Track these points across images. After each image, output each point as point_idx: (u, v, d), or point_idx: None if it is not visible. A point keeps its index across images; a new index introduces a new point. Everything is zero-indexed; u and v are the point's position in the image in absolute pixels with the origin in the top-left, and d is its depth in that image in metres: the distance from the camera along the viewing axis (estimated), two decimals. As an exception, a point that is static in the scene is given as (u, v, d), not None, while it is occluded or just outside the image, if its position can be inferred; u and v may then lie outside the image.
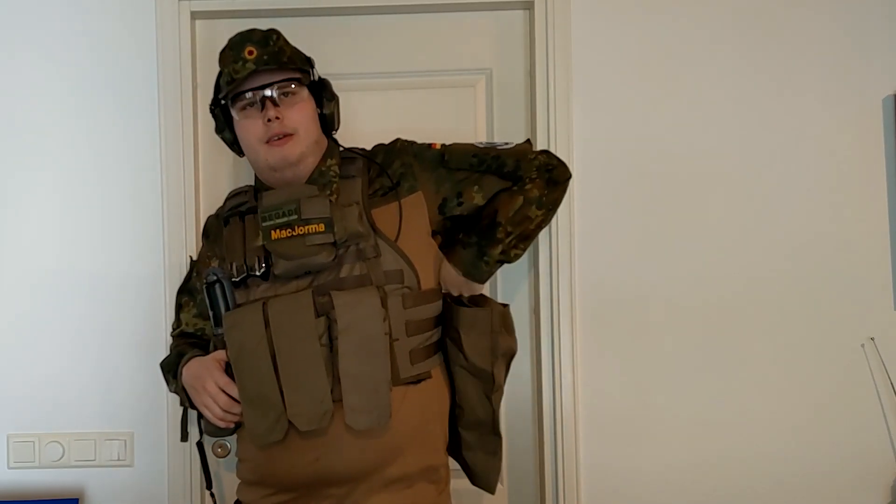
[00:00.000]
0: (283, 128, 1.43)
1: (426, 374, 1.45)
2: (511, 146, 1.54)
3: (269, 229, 1.42)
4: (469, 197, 1.50)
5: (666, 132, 1.89)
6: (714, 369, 1.88)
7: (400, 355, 1.40)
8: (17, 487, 1.89)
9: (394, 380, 1.38)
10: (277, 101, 1.43)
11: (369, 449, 1.38)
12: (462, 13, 1.94)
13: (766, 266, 1.88)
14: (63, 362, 1.89)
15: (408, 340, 1.41)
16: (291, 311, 1.37)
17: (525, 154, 1.53)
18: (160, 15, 1.89)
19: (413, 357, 1.42)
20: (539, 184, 1.50)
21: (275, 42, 1.46)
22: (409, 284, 1.42)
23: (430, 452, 1.45)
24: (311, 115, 1.47)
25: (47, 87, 1.91)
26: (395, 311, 1.40)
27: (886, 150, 1.88)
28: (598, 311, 1.89)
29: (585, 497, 1.87)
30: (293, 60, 1.47)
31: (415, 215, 1.46)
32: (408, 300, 1.41)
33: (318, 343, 1.35)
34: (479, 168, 1.51)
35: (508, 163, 1.51)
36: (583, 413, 1.88)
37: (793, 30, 1.88)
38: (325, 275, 1.40)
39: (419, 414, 1.43)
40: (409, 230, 1.45)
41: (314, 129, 1.48)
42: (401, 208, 1.45)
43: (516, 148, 1.54)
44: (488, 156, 1.51)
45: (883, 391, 1.86)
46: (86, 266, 1.90)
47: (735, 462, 1.88)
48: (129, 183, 1.91)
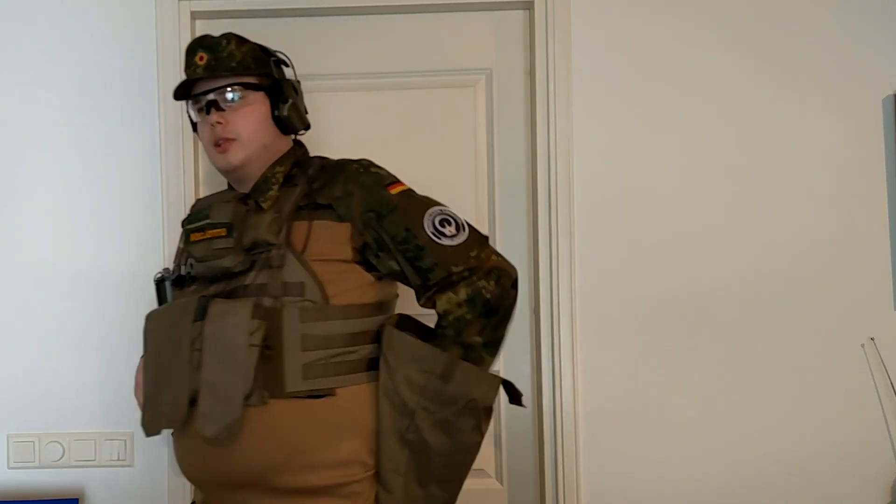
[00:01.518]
0: (224, 132, 1.44)
1: (326, 391, 1.37)
2: (450, 242, 1.39)
3: (189, 232, 1.47)
4: (386, 259, 1.42)
5: (665, 131, 1.89)
6: (714, 369, 1.88)
7: (289, 368, 1.35)
8: (17, 487, 1.89)
9: (277, 392, 1.35)
10: (222, 105, 1.45)
11: (247, 457, 1.36)
12: (462, 13, 1.95)
13: (766, 266, 1.88)
14: (63, 362, 1.89)
15: (301, 354, 1.35)
16: (174, 314, 1.41)
17: (449, 261, 1.38)
18: (160, 15, 1.89)
19: (307, 372, 1.36)
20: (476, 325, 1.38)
21: (224, 47, 1.46)
22: (311, 298, 1.37)
23: (332, 468, 1.37)
24: (257, 120, 1.46)
25: (47, 86, 1.91)
26: (291, 323, 1.36)
27: (886, 150, 1.88)
28: (598, 311, 1.89)
29: (585, 497, 1.87)
30: (245, 65, 1.46)
31: (333, 239, 1.41)
32: (307, 314, 1.36)
33: (189, 347, 1.36)
34: (401, 245, 1.40)
35: (426, 261, 1.38)
36: (583, 413, 1.88)
37: (793, 30, 1.88)
38: (237, 280, 1.40)
39: (313, 429, 1.37)
40: (322, 247, 1.39)
41: (262, 134, 1.47)
42: (311, 226, 1.40)
43: (445, 249, 1.39)
44: (414, 241, 1.39)
45: (883, 391, 1.86)
46: (86, 266, 1.90)
47: (735, 462, 1.88)
48: (129, 182, 1.91)
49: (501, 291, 1.39)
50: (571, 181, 1.87)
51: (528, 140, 1.96)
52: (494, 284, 1.38)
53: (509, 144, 1.96)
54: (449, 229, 1.40)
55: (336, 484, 1.37)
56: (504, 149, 1.96)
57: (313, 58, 1.93)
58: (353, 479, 1.39)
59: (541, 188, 1.88)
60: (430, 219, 1.41)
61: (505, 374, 1.95)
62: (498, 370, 1.95)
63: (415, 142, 1.94)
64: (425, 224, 1.40)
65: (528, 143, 1.96)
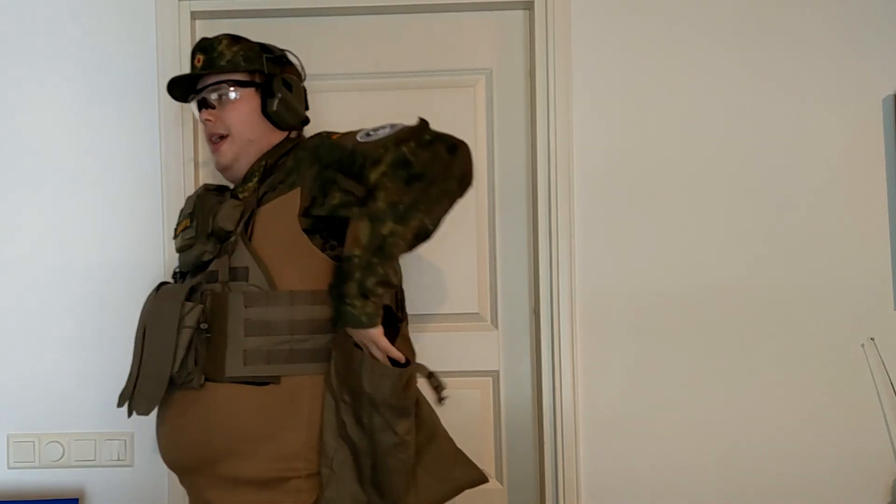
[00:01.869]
0: (215, 128, 1.50)
1: (270, 379, 1.35)
2: (381, 135, 1.30)
3: (177, 225, 1.55)
4: (332, 199, 1.33)
5: (666, 132, 1.89)
6: (714, 369, 1.88)
7: (231, 353, 1.34)
8: (17, 487, 1.89)
9: (216, 376, 1.35)
10: (211, 102, 1.50)
11: (191, 440, 1.37)
12: (462, 13, 1.95)
13: (766, 266, 1.88)
14: (63, 362, 1.89)
15: (244, 340, 1.34)
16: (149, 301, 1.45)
17: (374, 149, 1.28)
18: (160, 15, 1.89)
19: (248, 357, 1.34)
20: (390, 189, 1.25)
21: (215, 47, 1.50)
22: (255, 283, 1.35)
23: (275, 460, 1.34)
24: (245, 115, 1.49)
25: (47, 86, 1.91)
26: (235, 308, 1.35)
27: (886, 150, 1.88)
28: (598, 312, 1.89)
29: (585, 497, 1.87)
30: (234, 63, 1.49)
31: (282, 213, 1.37)
32: (251, 299, 1.35)
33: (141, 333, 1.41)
34: (337, 165, 1.33)
35: (357, 160, 1.30)
36: (583, 413, 1.88)
37: (793, 30, 1.88)
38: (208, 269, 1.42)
39: (257, 417, 1.34)
40: (269, 227, 1.37)
41: (249, 129, 1.49)
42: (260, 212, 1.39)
43: (370, 143, 1.30)
44: (346, 151, 1.32)
45: (883, 391, 1.86)
46: (86, 266, 1.90)
47: (735, 461, 1.88)
48: (129, 182, 1.91)
49: (431, 155, 1.26)
50: (571, 181, 1.87)
51: (528, 140, 1.96)
52: (421, 148, 1.26)
53: (509, 144, 1.96)
54: (382, 131, 1.32)
55: (277, 477, 1.34)
56: (504, 149, 1.96)
57: (313, 58, 1.93)
58: (294, 475, 1.34)
59: (541, 188, 1.88)
60: (364, 131, 1.34)
61: (505, 374, 1.96)
62: (497, 370, 1.95)
63: (415, 142, 1.94)
64: (357, 136, 1.33)
65: (528, 143, 1.96)
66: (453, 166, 1.27)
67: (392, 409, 1.30)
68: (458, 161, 1.28)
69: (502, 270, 1.95)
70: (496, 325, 1.95)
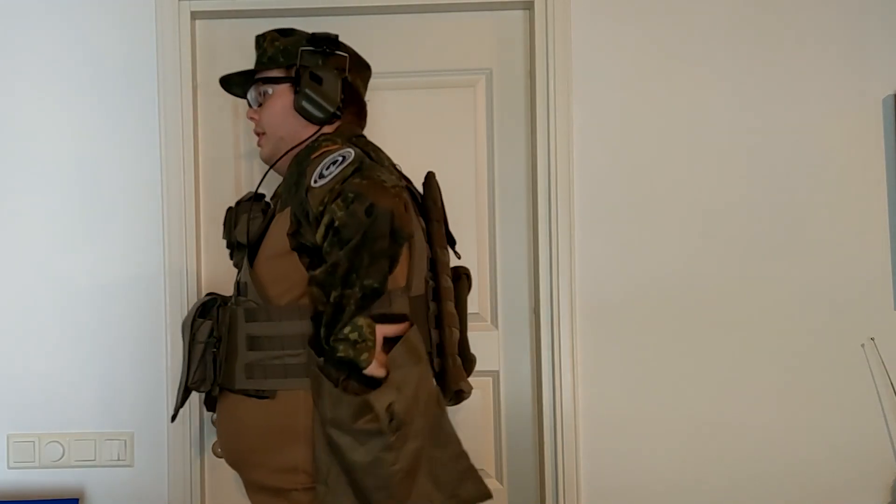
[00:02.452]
0: (256, 127, 1.53)
1: (268, 393, 1.36)
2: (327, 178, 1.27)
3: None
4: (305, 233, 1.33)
5: (665, 132, 1.89)
6: (714, 369, 1.88)
7: (238, 366, 1.38)
8: (17, 487, 1.89)
9: (228, 385, 1.41)
10: (256, 101, 1.54)
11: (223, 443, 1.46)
12: (462, 13, 1.94)
13: (766, 266, 1.88)
14: (63, 362, 1.89)
15: (246, 354, 1.37)
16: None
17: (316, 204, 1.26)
18: (160, 15, 1.89)
19: (249, 371, 1.37)
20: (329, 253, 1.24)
21: (261, 44, 1.53)
22: (252, 298, 1.38)
23: (277, 473, 1.36)
24: (278, 112, 1.49)
25: (47, 87, 1.91)
26: (239, 322, 1.39)
27: (886, 150, 1.88)
28: (598, 311, 1.89)
29: (585, 497, 1.87)
30: (273, 59, 1.50)
31: (278, 230, 1.38)
32: (251, 314, 1.38)
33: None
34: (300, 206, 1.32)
35: (307, 210, 1.29)
36: (583, 413, 1.88)
37: (793, 30, 1.88)
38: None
39: (254, 429, 1.37)
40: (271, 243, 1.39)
41: (280, 126, 1.49)
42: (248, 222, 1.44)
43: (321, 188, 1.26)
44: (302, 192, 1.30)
45: (883, 391, 1.86)
46: (86, 267, 1.90)
47: (735, 461, 1.88)
48: (129, 183, 1.91)
49: (353, 220, 1.20)
50: (571, 181, 1.87)
51: (528, 140, 1.96)
52: (344, 209, 1.22)
53: (509, 144, 1.96)
54: (331, 169, 1.28)
55: (280, 487, 1.37)
56: (504, 149, 1.96)
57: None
58: (294, 487, 1.36)
59: (541, 188, 1.88)
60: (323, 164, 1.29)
61: (505, 374, 1.96)
62: (497, 370, 1.95)
63: (415, 142, 1.93)
64: (314, 173, 1.29)
65: (528, 143, 1.96)
66: (375, 228, 1.21)
67: (358, 432, 1.27)
68: (378, 224, 1.21)
69: (502, 270, 1.95)
70: (496, 325, 1.95)
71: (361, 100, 1.55)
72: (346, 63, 1.50)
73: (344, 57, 1.50)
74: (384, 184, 1.24)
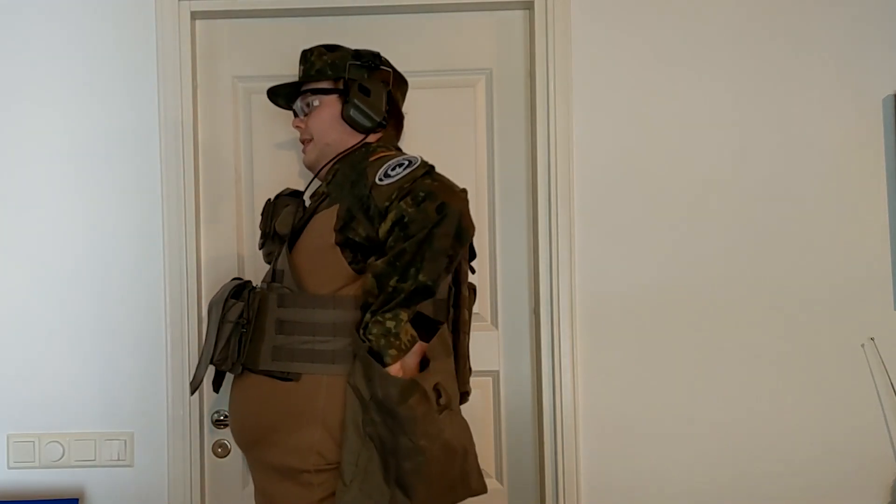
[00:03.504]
0: (303, 134, 1.63)
1: (293, 376, 1.43)
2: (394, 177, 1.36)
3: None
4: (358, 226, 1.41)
5: (665, 132, 1.89)
6: (714, 369, 1.88)
7: (265, 348, 1.46)
8: (17, 487, 1.89)
9: (253, 367, 1.48)
10: (302, 110, 1.64)
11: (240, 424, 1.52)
12: (462, 13, 1.95)
13: (766, 266, 1.88)
14: (63, 362, 1.90)
15: (275, 337, 1.46)
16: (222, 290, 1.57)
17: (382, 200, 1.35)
18: (160, 15, 1.89)
19: (276, 353, 1.45)
20: (392, 247, 1.33)
21: (309, 58, 1.63)
22: (287, 285, 1.47)
23: (291, 453, 1.42)
24: (326, 121, 1.59)
25: (46, 86, 1.91)
26: (271, 307, 1.47)
27: (886, 150, 1.88)
28: (598, 312, 1.89)
29: (585, 497, 1.87)
30: (322, 72, 1.61)
31: (322, 225, 1.46)
32: (284, 300, 1.46)
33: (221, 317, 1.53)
34: (360, 203, 1.40)
35: (370, 206, 1.37)
36: (583, 413, 1.88)
37: (793, 30, 1.88)
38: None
39: (275, 409, 1.45)
40: (313, 237, 1.48)
41: (328, 133, 1.59)
42: (311, 221, 1.50)
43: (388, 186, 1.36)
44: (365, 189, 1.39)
45: (883, 391, 1.86)
46: (86, 266, 1.90)
47: (735, 461, 1.88)
48: (129, 183, 1.91)
49: (422, 216, 1.30)
50: (571, 181, 1.87)
51: (528, 140, 1.96)
52: (414, 206, 1.31)
53: (509, 144, 1.96)
54: (397, 170, 1.38)
55: (290, 467, 1.42)
56: (504, 149, 1.96)
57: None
58: (306, 468, 1.40)
59: (541, 188, 1.88)
60: (388, 165, 1.39)
61: (505, 374, 1.96)
62: (497, 370, 1.96)
63: (415, 142, 1.93)
64: (379, 172, 1.39)
65: (528, 143, 1.96)
66: (443, 226, 1.31)
67: (402, 417, 1.33)
68: (446, 222, 1.31)
69: (502, 270, 1.95)
70: (496, 325, 1.95)
71: (401, 112, 1.69)
72: (389, 77, 1.62)
73: (388, 72, 1.62)
74: (454, 187, 1.38)
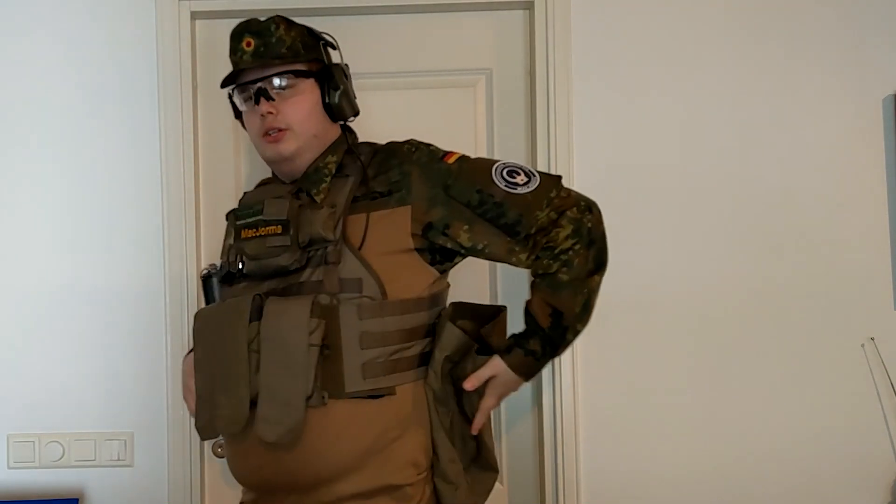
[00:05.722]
0: (276, 122, 1.39)
1: (386, 390, 1.34)
2: (526, 189, 1.36)
3: (240, 228, 1.43)
4: (455, 234, 1.36)
5: (665, 132, 1.89)
6: (714, 369, 1.88)
7: (348, 368, 1.32)
8: (17, 487, 1.89)
9: (336, 393, 1.31)
10: (272, 95, 1.39)
11: (311, 463, 1.33)
12: (462, 13, 1.94)
13: (767, 266, 1.88)
14: (63, 363, 1.89)
15: (360, 353, 1.32)
16: (230, 313, 1.35)
17: (533, 207, 1.35)
18: (160, 15, 1.89)
19: (366, 370, 1.32)
20: (584, 256, 1.35)
21: (274, 32, 1.40)
22: (369, 294, 1.33)
23: (392, 471, 1.35)
24: (308, 109, 1.41)
25: (47, 87, 1.91)
26: (349, 321, 1.32)
27: (886, 150, 1.88)
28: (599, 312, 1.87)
29: (585, 497, 1.87)
30: (294, 51, 1.41)
31: (392, 227, 1.37)
32: (365, 311, 1.32)
33: (247, 348, 1.32)
34: (477, 209, 1.36)
35: (510, 215, 1.35)
36: (583, 413, 1.88)
37: (792, 30, 1.88)
38: (292, 278, 1.37)
39: (374, 430, 1.33)
40: (379, 240, 1.36)
41: (313, 123, 1.42)
42: (368, 219, 1.36)
43: (524, 196, 1.36)
44: (492, 199, 1.35)
45: (883, 391, 1.86)
46: (86, 267, 1.90)
47: (735, 462, 1.88)
48: (129, 184, 1.91)
49: (596, 219, 1.39)
50: (571, 181, 1.87)
51: (528, 140, 1.96)
52: (590, 214, 1.38)
53: (509, 144, 1.96)
54: (520, 178, 1.38)
55: (390, 485, 1.34)
56: (504, 149, 1.96)
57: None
58: (407, 482, 1.36)
59: (541, 188, 1.88)
60: (499, 173, 1.38)
61: (505, 374, 1.96)
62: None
63: (415, 142, 1.93)
64: (496, 180, 1.37)
65: (528, 143, 1.96)
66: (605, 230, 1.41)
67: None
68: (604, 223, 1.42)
69: (502, 270, 1.95)
70: (496, 325, 1.95)
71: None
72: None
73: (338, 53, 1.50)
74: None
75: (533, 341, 1.37)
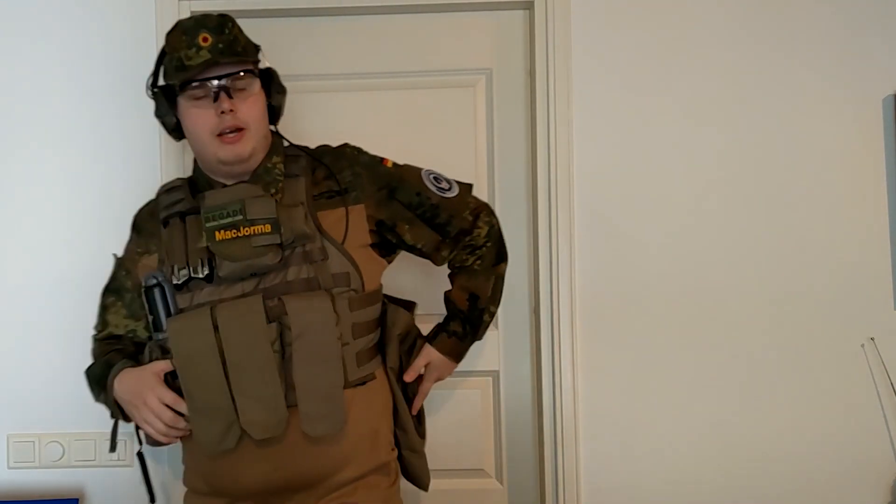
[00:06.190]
0: (235, 121, 1.37)
1: (371, 376, 1.45)
2: (452, 194, 1.53)
3: (213, 230, 1.37)
4: (401, 232, 1.50)
5: (665, 132, 1.89)
6: (714, 369, 1.88)
7: (348, 358, 1.39)
8: (17, 487, 1.89)
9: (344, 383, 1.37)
10: (232, 93, 1.37)
11: (325, 455, 1.37)
12: (462, 13, 1.94)
13: (767, 266, 1.88)
14: (63, 363, 1.89)
15: (355, 343, 1.41)
16: (242, 316, 1.33)
17: (459, 211, 1.53)
18: (160, 15, 1.89)
19: (359, 359, 1.42)
20: (492, 250, 1.57)
21: (230, 30, 1.38)
22: (354, 287, 1.40)
23: (380, 451, 1.46)
24: (262, 109, 1.42)
25: (46, 87, 1.90)
26: (343, 313, 1.38)
27: (886, 150, 1.88)
28: (598, 311, 1.89)
29: (585, 497, 1.87)
30: (247, 51, 1.40)
31: (358, 223, 1.45)
32: (354, 303, 1.40)
33: (271, 349, 1.32)
34: (416, 210, 1.50)
35: (442, 216, 1.51)
36: (583, 413, 1.88)
37: (793, 30, 1.88)
38: (272, 277, 1.37)
39: (367, 415, 1.43)
40: (357, 235, 1.44)
41: (264, 124, 1.44)
42: (348, 214, 1.43)
43: (453, 200, 1.52)
44: (428, 201, 1.50)
45: (883, 391, 1.86)
46: (86, 267, 1.89)
47: (734, 461, 1.88)
48: (128, 183, 1.90)
49: (497, 221, 1.59)
50: (571, 181, 1.87)
51: (528, 140, 1.96)
52: (494, 217, 1.59)
53: (509, 144, 1.96)
54: (444, 184, 1.54)
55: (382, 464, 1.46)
56: (504, 149, 1.96)
57: (312, 58, 1.93)
58: (391, 458, 1.50)
59: (541, 188, 1.88)
60: (429, 179, 1.53)
61: (505, 374, 1.96)
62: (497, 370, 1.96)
63: (415, 142, 1.93)
64: (428, 185, 1.52)
65: (528, 143, 1.96)
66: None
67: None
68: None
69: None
70: (496, 324, 1.95)
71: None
72: None
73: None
74: None
75: (454, 324, 1.56)
